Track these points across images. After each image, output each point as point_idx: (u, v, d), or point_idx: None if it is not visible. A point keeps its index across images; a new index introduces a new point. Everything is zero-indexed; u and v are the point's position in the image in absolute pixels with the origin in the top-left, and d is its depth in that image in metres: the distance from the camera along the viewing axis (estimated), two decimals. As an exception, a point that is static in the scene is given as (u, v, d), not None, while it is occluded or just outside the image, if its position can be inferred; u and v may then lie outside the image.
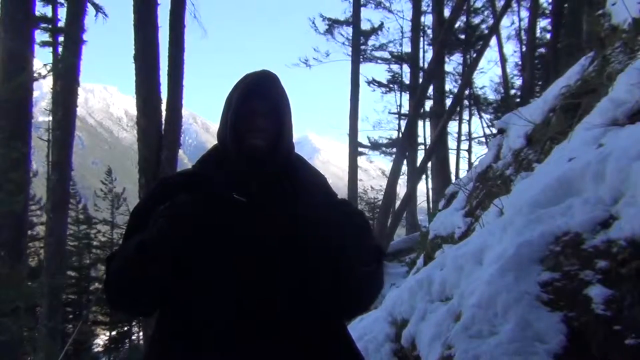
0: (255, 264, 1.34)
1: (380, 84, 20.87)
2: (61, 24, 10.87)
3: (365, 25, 18.72)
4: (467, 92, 18.21)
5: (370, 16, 34.23)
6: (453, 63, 20.26)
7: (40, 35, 11.17)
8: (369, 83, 20.61)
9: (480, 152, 18.62)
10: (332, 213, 1.36)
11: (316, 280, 1.37)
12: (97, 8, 10.78)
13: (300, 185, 1.46)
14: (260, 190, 1.41)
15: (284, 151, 1.45)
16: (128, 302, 1.40)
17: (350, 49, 17.68)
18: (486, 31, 18.00)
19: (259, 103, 1.43)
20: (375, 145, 21.37)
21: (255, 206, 1.39)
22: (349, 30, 18.43)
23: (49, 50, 10.78)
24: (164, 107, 7.84)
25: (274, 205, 1.40)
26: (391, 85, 21.10)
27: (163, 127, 7.77)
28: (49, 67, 10.19)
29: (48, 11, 11.00)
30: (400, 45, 20.20)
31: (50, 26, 10.88)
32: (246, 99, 1.43)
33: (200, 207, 1.29)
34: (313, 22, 19.00)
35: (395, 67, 20.86)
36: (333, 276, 1.36)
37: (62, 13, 10.89)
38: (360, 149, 18.54)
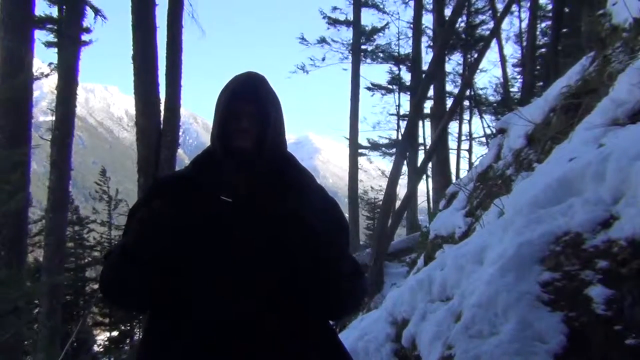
0: (241, 264, 1.36)
1: (379, 87, 20.84)
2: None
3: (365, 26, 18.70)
4: (467, 92, 18.19)
5: (369, 18, 34.16)
6: (453, 63, 20.28)
7: (46, 36, 11.20)
8: (369, 88, 20.57)
9: (480, 152, 18.62)
10: (318, 214, 1.41)
11: (301, 280, 1.38)
12: (96, 10, 10.77)
13: (288, 185, 1.48)
14: (248, 190, 1.44)
15: (269, 151, 1.47)
16: (120, 299, 1.50)
17: (347, 51, 17.71)
18: (487, 32, 18.01)
19: (244, 104, 1.46)
20: (375, 146, 21.37)
21: (242, 206, 1.41)
22: (347, 34, 18.43)
23: (54, 50, 10.77)
24: (162, 107, 7.84)
25: (261, 205, 1.42)
26: (391, 87, 21.09)
27: (162, 126, 7.77)
28: (52, 67, 10.20)
29: (54, 12, 11.02)
30: (397, 45, 20.20)
31: (56, 27, 10.89)
32: (231, 100, 1.46)
33: (177, 211, 1.35)
34: (302, 38, 18.83)
35: (394, 67, 20.84)
36: (317, 277, 1.38)
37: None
38: (360, 150, 18.55)
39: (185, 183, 1.47)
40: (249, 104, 1.46)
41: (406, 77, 20.07)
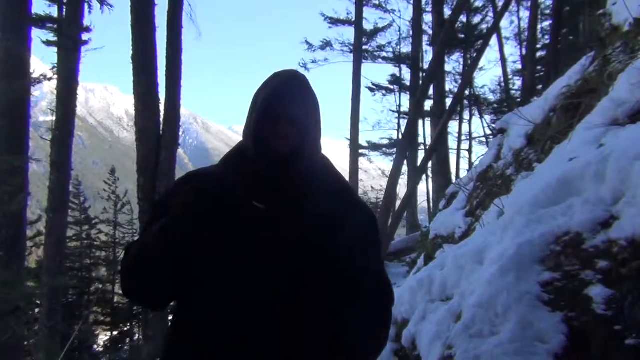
0: (264, 268, 1.34)
1: (380, 87, 20.84)
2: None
3: (365, 26, 18.69)
4: (467, 92, 18.20)
5: (369, 17, 34.02)
6: (453, 63, 20.28)
7: (45, 35, 11.20)
8: (370, 89, 20.58)
9: (480, 152, 18.62)
10: (348, 223, 1.40)
11: (319, 284, 1.37)
12: (101, 1, 10.75)
13: (321, 191, 1.44)
14: (279, 194, 1.40)
15: (306, 157, 1.41)
16: (143, 288, 1.41)
17: (349, 52, 17.68)
18: (486, 31, 18.00)
19: (283, 108, 1.38)
20: (375, 147, 21.34)
21: (272, 210, 1.37)
22: (349, 34, 18.43)
23: (54, 50, 10.77)
24: (162, 107, 7.83)
25: (287, 209, 1.38)
26: (391, 87, 21.09)
27: (161, 127, 7.77)
28: (54, 71, 10.19)
29: (54, 11, 11.03)
30: (398, 45, 20.19)
31: (55, 26, 10.91)
32: (271, 103, 1.38)
33: (210, 200, 1.32)
34: (307, 42, 18.75)
35: (395, 67, 20.85)
36: (338, 286, 1.38)
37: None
38: (360, 151, 18.54)
39: (217, 181, 1.40)
40: (290, 107, 1.38)
41: (407, 76, 20.08)
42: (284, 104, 1.38)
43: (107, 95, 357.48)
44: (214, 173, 1.47)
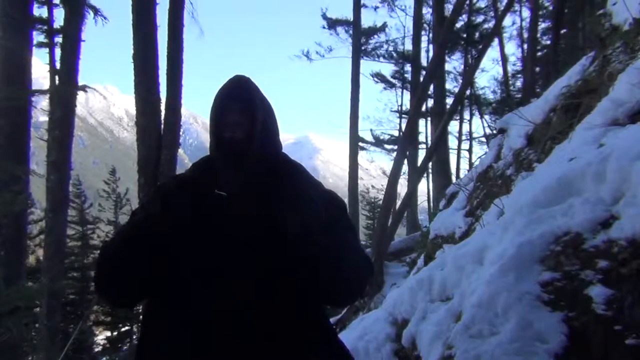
0: (227, 262, 1.39)
1: (383, 79, 20.91)
2: (57, 24, 10.78)
3: (366, 23, 18.74)
4: (468, 91, 18.19)
5: (370, 15, 34.10)
6: (454, 62, 20.30)
7: (36, 37, 11.13)
8: (372, 75, 20.65)
9: (480, 152, 18.65)
10: (308, 214, 1.42)
11: (291, 275, 1.39)
12: (95, 11, 10.77)
13: (282, 184, 1.51)
14: (241, 189, 1.51)
15: (260, 144, 1.54)
16: (115, 284, 1.46)
17: (350, 43, 17.70)
18: (488, 31, 18.01)
19: (231, 101, 1.57)
20: (377, 141, 21.33)
21: (234, 204, 1.47)
22: (350, 30, 18.44)
23: (45, 51, 10.72)
24: (163, 106, 7.82)
25: (252, 204, 1.47)
26: (393, 81, 21.14)
27: (162, 126, 7.76)
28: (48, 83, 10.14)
29: (44, 12, 10.96)
30: (403, 44, 20.20)
31: (46, 27, 10.86)
32: (221, 99, 1.58)
33: (169, 215, 1.43)
34: (324, 14, 18.94)
35: (396, 67, 20.86)
36: (309, 275, 1.40)
37: (57, 14, 10.85)
38: (361, 144, 18.55)
39: (183, 184, 1.54)
40: (237, 100, 1.57)
41: (409, 75, 20.09)
42: (231, 98, 1.58)
43: (107, 95, 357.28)
44: (186, 175, 1.62)
